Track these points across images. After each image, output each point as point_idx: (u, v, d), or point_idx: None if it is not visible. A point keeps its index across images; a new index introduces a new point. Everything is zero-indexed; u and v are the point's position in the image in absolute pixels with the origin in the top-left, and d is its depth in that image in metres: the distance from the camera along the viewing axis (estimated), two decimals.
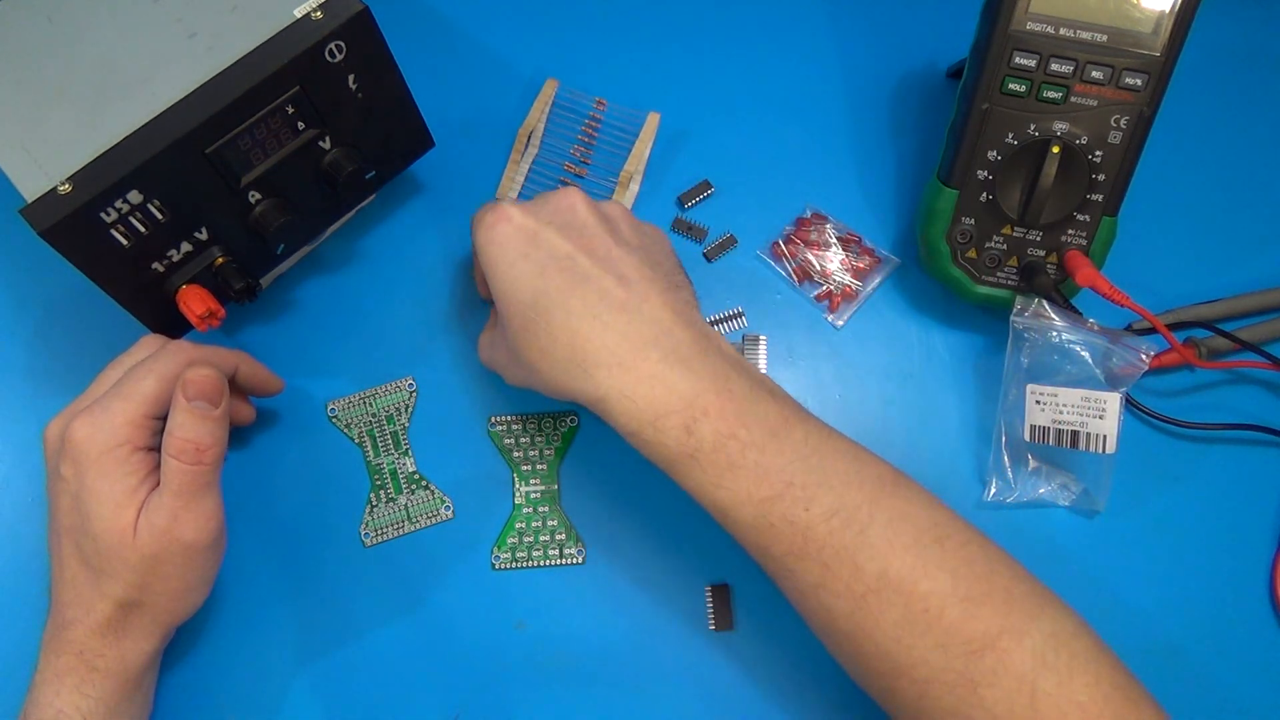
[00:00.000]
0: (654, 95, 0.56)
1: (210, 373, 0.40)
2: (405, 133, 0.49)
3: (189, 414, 0.40)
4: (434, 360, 0.52)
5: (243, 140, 0.41)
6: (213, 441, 0.40)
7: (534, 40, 0.58)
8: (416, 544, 0.49)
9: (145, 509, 0.39)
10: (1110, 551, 0.49)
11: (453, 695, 0.47)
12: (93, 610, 0.40)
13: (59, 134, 0.41)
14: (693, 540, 0.49)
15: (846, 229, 0.54)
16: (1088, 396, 0.46)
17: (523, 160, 0.55)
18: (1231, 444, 0.51)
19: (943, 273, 0.50)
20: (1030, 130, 0.47)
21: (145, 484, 0.40)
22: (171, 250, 0.43)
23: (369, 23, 0.42)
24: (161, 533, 0.39)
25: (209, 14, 0.43)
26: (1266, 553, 0.49)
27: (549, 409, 0.51)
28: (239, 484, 0.49)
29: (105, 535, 0.39)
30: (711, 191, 0.54)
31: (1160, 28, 0.45)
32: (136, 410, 0.40)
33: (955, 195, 0.48)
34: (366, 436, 0.50)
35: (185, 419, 0.40)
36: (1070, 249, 0.48)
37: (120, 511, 0.39)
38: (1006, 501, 0.49)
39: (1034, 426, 0.47)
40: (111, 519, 0.39)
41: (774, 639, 0.47)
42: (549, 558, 0.49)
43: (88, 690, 0.40)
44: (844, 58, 0.58)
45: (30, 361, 0.51)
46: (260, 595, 0.48)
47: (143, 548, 0.39)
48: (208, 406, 0.40)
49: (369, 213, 0.54)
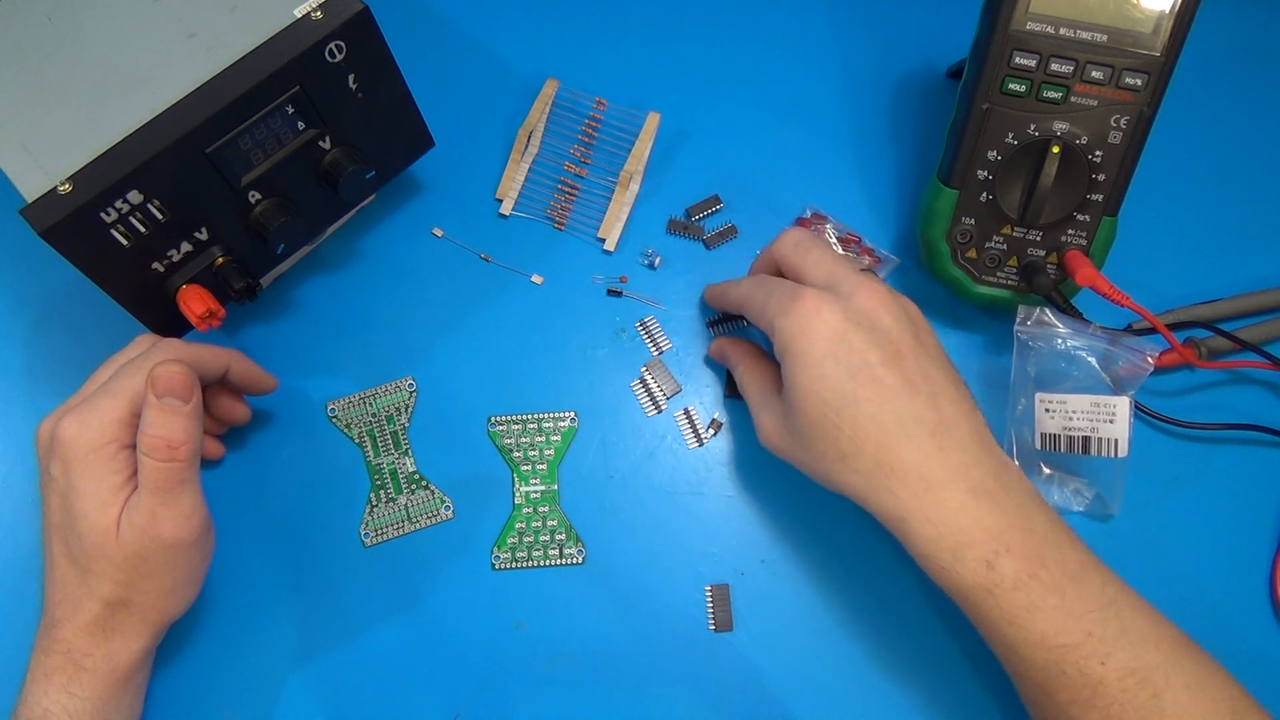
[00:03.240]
0: (654, 95, 0.56)
1: (178, 368, 0.40)
2: (405, 133, 0.49)
3: (159, 411, 0.39)
4: (434, 360, 0.52)
5: (243, 140, 0.41)
6: (185, 438, 0.39)
7: (534, 40, 0.58)
8: (416, 544, 0.49)
9: (127, 508, 0.39)
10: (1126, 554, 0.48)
11: (452, 695, 0.47)
12: (81, 609, 0.40)
13: (59, 134, 0.40)
14: (693, 540, 0.49)
15: (846, 229, 0.54)
16: (1097, 402, 0.46)
17: (523, 160, 0.55)
18: (1231, 444, 0.51)
19: (943, 273, 0.50)
20: (1030, 130, 0.47)
21: (131, 482, 0.40)
22: (171, 250, 0.43)
23: (369, 23, 0.42)
24: (142, 531, 0.39)
25: (209, 14, 0.43)
26: (1267, 553, 0.49)
27: (549, 409, 0.51)
28: (239, 484, 0.49)
29: (90, 534, 0.39)
30: (720, 207, 0.54)
31: (1160, 28, 0.45)
32: (124, 408, 0.40)
33: (955, 195, 0.48)
34: (366, 436, 0.50)
35: (155, 416, 0.39)
36: (1070, 249, 0.48)
37: (105, 510, 0.39)
38: None
39: (1045, 435, 0.47)
40: (96, 517, 0.39)
41: (774, 639, 0.47)
42: (549, 558, 0.49)
43: (75, 690, 0.40)
44: (844, 58, 0.58)
45: (29, 361, 0.51)
46: (260, 595, 0.48)
47: (126, 546, 0.39)
48: (178, 402, 0.39)
49: (369, 213, 0.54)
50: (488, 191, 0.55)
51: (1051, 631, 0.37)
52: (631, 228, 0.54)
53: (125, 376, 0.41)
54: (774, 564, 0.49)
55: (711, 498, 0.50)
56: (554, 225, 0.54)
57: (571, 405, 0.51)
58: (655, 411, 0.51)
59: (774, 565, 0.49)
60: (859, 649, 0.47)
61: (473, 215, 0.54)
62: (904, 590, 0.48)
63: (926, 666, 0.47)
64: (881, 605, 0.48)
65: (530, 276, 0.53)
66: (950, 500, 0.38)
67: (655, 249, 0.54)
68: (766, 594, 0.48)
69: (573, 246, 0.54)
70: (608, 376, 0.52)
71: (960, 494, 0.38)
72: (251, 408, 0.49)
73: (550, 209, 0.54)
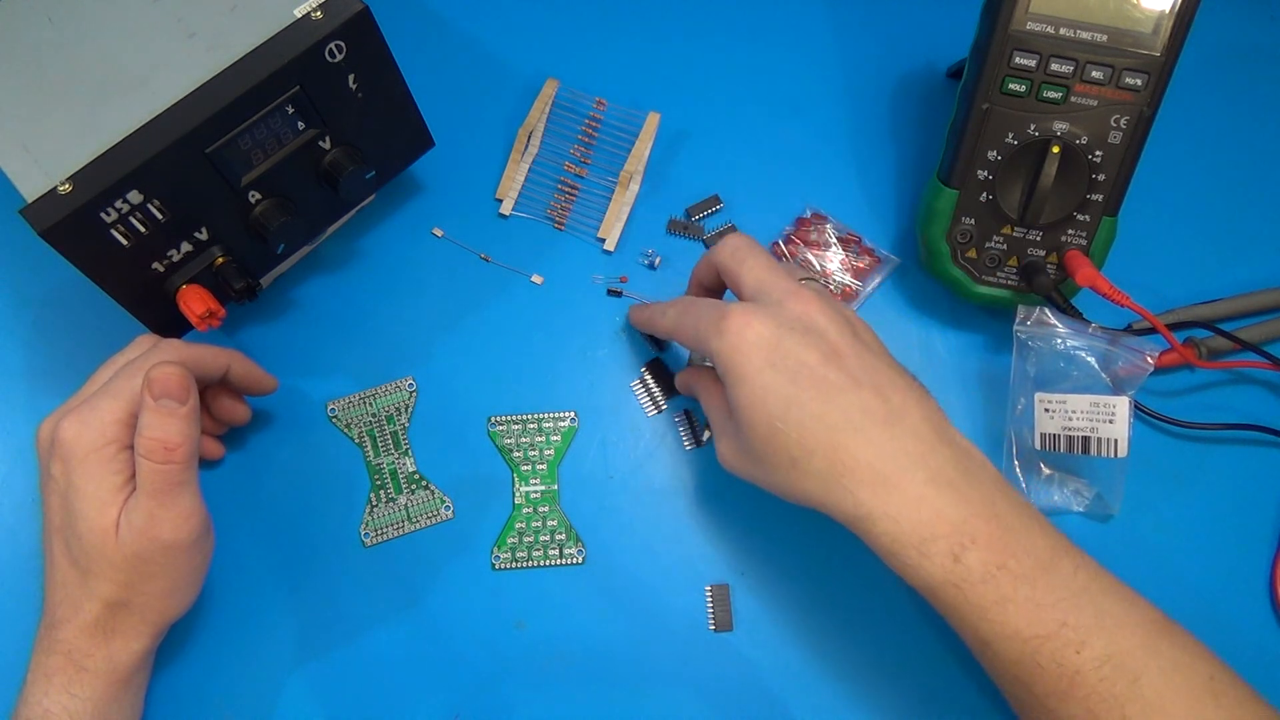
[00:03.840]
0: (654, 95, 0.56)
1: (174, 369, 0.40)
2: (405, 133, 0.49)
3: (155, 413, 0.39)
4: (434, 360, 0.52)
5: (243, 140, 0.41)
6: (182, 439, 0.39)
7: (534, 40, 0.58)
8: (416, 544, 0.49)
9: (125, 509, 0.39)
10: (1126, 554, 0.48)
11: (452, 695, 0.47)
12: (81, 610, 0.40)
13: (59, 134, 0.40)
14: (693, 540, 0.49)
15: (846, 229, 0.54)
16: (1096, 402, 0.46)
17: (523, 160, 0.55)
18: (1231, 444, 0.51)
19: (943, 273, 0.50)
20: (1030, 130, 0.47)
21: (131, 483, 0.40)
22: (171, 250, 0.43)
23: (369, 23, 0.42)
24: (140, 533, 0.39)
25: (209, 14, 0.43)
26: (1267, 553, 0.49)
27: (549, 409, 0.51)
28: (239, 484, 0.49)
29: (89, 535, 0.39)
30: (720, 207, 0.54)
31: (1160, 28, 0.45)
32: (124, 409, 0.40)
33: (955, 195, 0.48)
34: (366, 436, 0.50)
35: (152, 418, 0.39)
36: (1070, 249, 0.48)
37: (104, 510, 0.39)
38: None
39: (1044, 435, 0.47)
40: (96, 518, 0.39)
41: (773, 639, 0.47)
42: (549, 558, 0.49)
43: (76, 690, 0.40)
44: (844, 58, 0.58)
45: (29, 361, 0.51)
46: (260, 595, 0.48)
47: (125, 548, 0.39)
48: (174, 404, 0.39)
49: (369, 213, 0.54)
50: (488, 191, 0.55)
51: (1024, 623, 0.36)
52: (631, 228, 0.54)
53: (126, 377, 0.41)
54: (774, 564, 0.49)
55: (712, 497, 0.50)
56: (554, 225, 0.54)
57: (571, 405, 0.51)
58: (655, 411, 0.51)
59: (774, 565, 0.49)
60: (859, 648, 0.47)
61: (473, 215, 0.54)
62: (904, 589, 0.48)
63: (927, 666, 0.47)
64: (882, 605, 0.48)
65: (530, 276, 0.53)
66: (909, 492, 0.37)
67: (655, 249, 0.54)
68: (766, 594, 0.48)
69: (573, 246, 0.54)
70: (608, 376, 0.52)
71: (919, 485, 0.37)
72: (251, 408, 0.49)
73: (550, 209, 0.54)
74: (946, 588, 0.37)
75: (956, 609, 0.37)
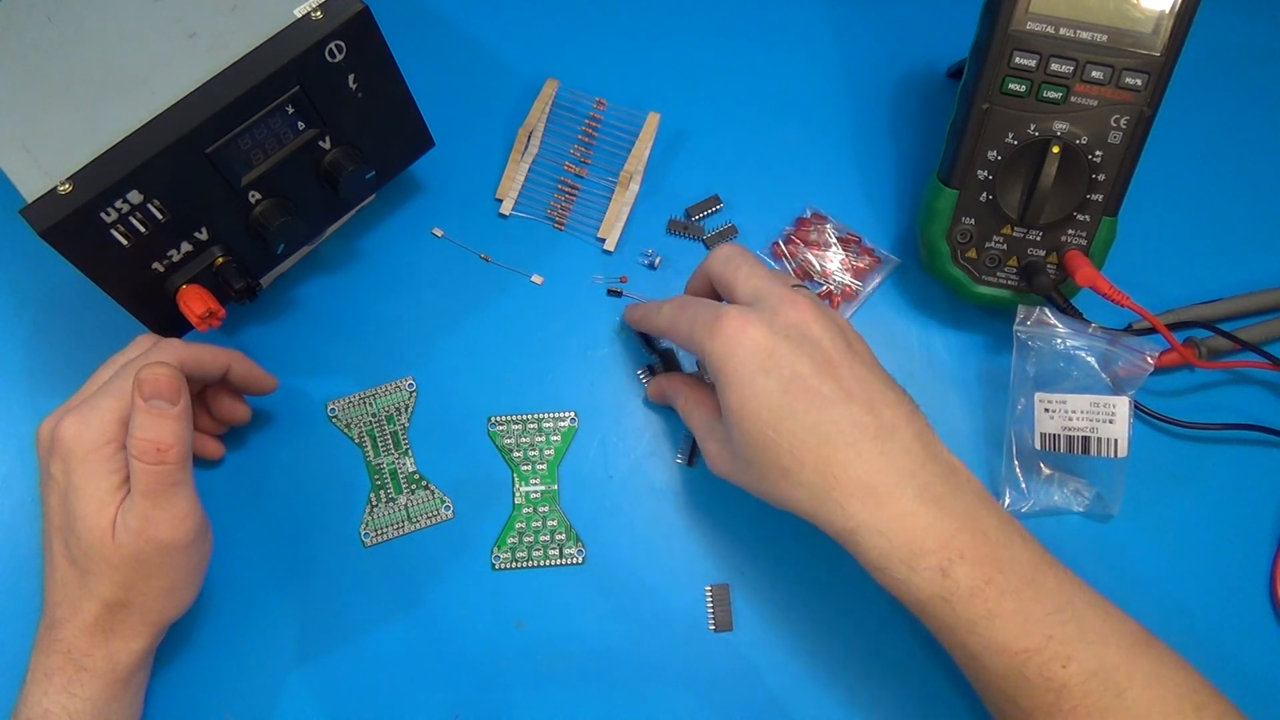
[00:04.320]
0: (654, 95, 0.56)
1: (165, 370, 0.39)
2: (405, 133, 0.49)
3: (147, 414, 0.39)
4: (434, 360, 0.52)
5: (243, 140, 0.41)
6: (174, 440, 0.39)
7: (534, 40, 0.58)
8: (416, 544, 0.49)
9: (121, 510, 0.39)
10: (1126, 554, 0.48)
11: (452, 695, 0.47)
12: (80, 610, 0.40)
13: (59, 134, 0.41)
14: (693, 540, 0.49)
15: (846, 229, 0.54)
16: (1096, 402, 0.46)
17: (523, 160, 0.55)
18: (1231, 444, 0.51)
19: (943, 273, 0.50)
20: (1030, 130, 0.47)
21: (128, 483, 0.40)
22: (171, 250, 0.43)
23: (369, 23, 0.42)
24: (136, 533, 0.39)
25: (209, 14, 0.43)
26: (1267, 553, 0.49)
27: (549, 409, 0.51)
28: (239, 484, 0.49)
29: (88, 535, 0.39)
30: (720, 207, 0.54)
31: (1160, 28, 0.45)
32: (125, 408, 0.40)
33: (955, 195, 0.48)
34: (366, 436, 0.50)
35: (143, 419, 0.39)
36: (1070, 249, 0.48)
37: (102, 510, 0.39)
38: (1022, 511, 0.49)
39: (1044, 434, 0.47)
40: (94, 518, 0.39)
41: (773, 639, 0.47)
42: (549, 558, 0.49)
43: (75, 690, 0.40)
44: (844, 58, 0.58)
45: (29, 361, 0.51)
46: (260, 595, 0.48)
47: (122, 548, 0.39)
48: (165, 405, 0.39)
49: (369, 213, 0.54)
50: (488, 191, 0.55)
51: (1011, 637, 0.37)
52: (631, 228, 0.54)
53: (126, 377, 0.41)
54: (774, 564, 0.49)
55: (712, 497, 0.50)
56: (554, 225, 0.54)
57: (571, 405, 0.51)
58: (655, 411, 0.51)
59: (774, 565, 0.48)
60: (859, 648, 0.47)
61: (473, 215, 0.54)
62: None
63: (928, 666, 0.47)
64: (882, 605, 0.48)
65: (530, 276, 0.53)
66: (898, 507, 0.37)
67: (655, 249, 0.54)
68: (767, 594, 0.48)
69: (573, 246, 0.54)
70: (608, 376, 0.52)
71: (908, 500, 0.38)
72: (251, 408, 0.49)
73: (550, 209, 0.54)
74: (935, 602, 0.37)
75: (945, 623, 0.38)
